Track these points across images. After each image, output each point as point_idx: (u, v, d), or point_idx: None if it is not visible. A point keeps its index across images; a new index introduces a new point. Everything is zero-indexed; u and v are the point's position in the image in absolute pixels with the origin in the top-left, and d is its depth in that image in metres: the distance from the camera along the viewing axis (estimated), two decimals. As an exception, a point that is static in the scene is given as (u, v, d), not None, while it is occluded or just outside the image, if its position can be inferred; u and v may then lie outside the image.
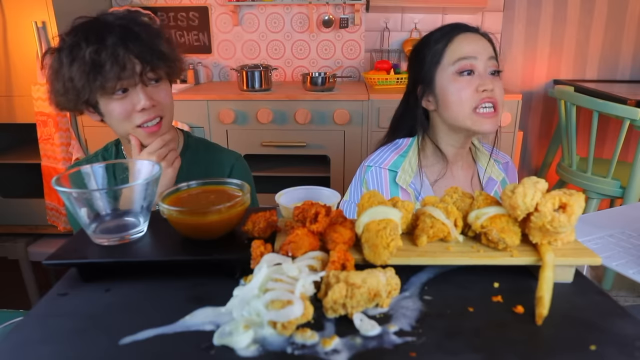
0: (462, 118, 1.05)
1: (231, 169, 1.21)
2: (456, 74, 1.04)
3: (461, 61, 1.04)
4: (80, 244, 0.59)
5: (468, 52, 1.04)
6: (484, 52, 1.05)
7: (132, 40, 0.96)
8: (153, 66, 0.99)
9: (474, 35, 1.07)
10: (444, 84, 1.06)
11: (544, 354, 0.42)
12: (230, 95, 2.19)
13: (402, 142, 1.15)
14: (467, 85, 1.03)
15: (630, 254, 0.98)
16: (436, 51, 1.07)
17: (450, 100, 1.05)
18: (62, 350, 0.43)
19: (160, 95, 1.03)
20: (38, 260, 2.27)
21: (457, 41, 1.06)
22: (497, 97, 1.04)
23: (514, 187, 0.54)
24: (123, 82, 0.96)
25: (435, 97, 1.09)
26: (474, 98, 1.03)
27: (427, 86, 1.09)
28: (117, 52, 0.93)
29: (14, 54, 2.05)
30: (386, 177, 1.10)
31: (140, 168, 0.65)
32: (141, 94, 0.98)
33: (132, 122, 1.01)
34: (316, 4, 2.52)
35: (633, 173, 1.99)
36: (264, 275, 0.47)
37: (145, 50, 0.97)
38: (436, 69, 1.07)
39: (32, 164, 2.20)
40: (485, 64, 1.04)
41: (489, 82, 1.03)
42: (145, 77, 0.98)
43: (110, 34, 0.94)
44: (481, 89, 1.02)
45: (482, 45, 1.06)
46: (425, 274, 0.56)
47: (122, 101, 0.99)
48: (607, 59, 2.69)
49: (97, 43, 0.93)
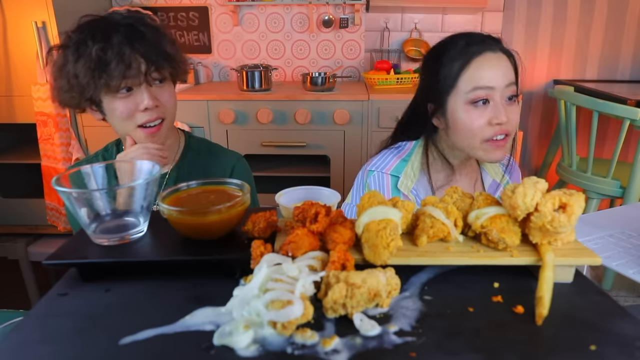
0: (472, 147, 1.00)
1: (232, 169, 1.21)
2: (469, 103, 0.97)
3: (476, 91, 0.96)
4: (80, 244, 0.59)
5: (485, 82, 0.96)
6: (503, 79, 0.97)
7: (138, 40, 0.96)
8: (158, 66, 0.99)
9: (495, 57, 0.97)
10: (457, 111, 0.99)
11: (544, 354, 0.42)
12: (230, 95, 2.19)
13: (404, 146, 1.12)
14: (480, 116, 0.97)
15: (630, 254, 0.98)
16: (450, 73, 0.98)
17: (460, 128, 1.00)
18: (62, 350, 0.43)
19: (164, 96, 1.03)
20: (38, 260, 2.27)
21: (474, 65, 0.96)
22: (511, 127, 0.98)
23: (514, 187, 0.54)
24: (128, 80, 0.96)
25: (446, 119, 1.02)
26: (486, 130, 0.97)
27: (439, 106, 1.02)
28: (123, 51, 0.94)
29: (14, 54, 2.05)
30: (388, 182, 1.09)
31: (141, 168, 0.65)
32: (145, 93, 0.99)
33: (133, 121, 1.01)
34: (316, 4, 2.52)
35: (633, 173, 1.99)
36: (264, 275, 0.47)
37: (151, 50, 0.97)
38: (449, 92, 0.99)
39: (32, 164, 2.20)
40: (502, 93, 0.97)
41: (504, 114, 0.96)
42: (150, 77, 0.99)
43: (116, 33, 0.95)
44: (494, 122, 0.96)
45: (502, 70, 0.97)
46: (425, 274, 0.56)
47: (125, 100, 0.99)
48: (607, 59, 2.69)
49: (104, 41, 0.94)
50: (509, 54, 1.00)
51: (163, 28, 1.05)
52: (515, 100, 1.01)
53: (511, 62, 1.00)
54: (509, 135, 1.00)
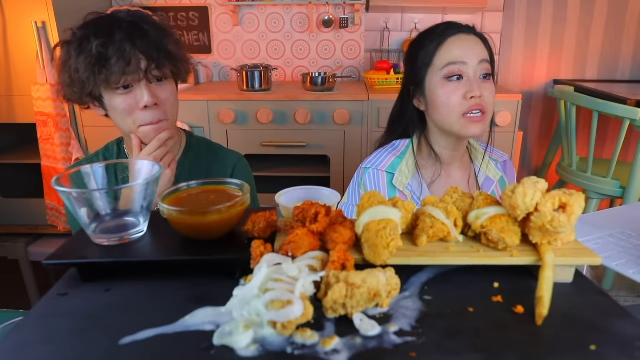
0: (450, 123, 1.05)
1: (233, 169, 1.21)
2: (445, 78, 1.04)
3: (450, 66, 1.03)
4: (80, 244, 0.59)
5: (458, 57, 1.03)
6: (475, 56, 1.03)
7: (140, 37, 0.97)
8: (159, 64, 0.99)
9: (468, 37, 1.05)
10: (433, 87, 1.06)
11: (544, 354, 0.42)
12: (230, 95, 2.19)
13: (399, 144, 1.15)
14: (455, 90, 1.03)
15: (630, 254, 0.98)
16: (427, 52, 1.06)
17: (438, 104, 1.05)
18: (62, 350, 0.43)
19: (164, 94, 1.03)
20: (38, 260, 2.27)
21: (448, 43, 1.04)
22: (486, 102, 1.03)
23: (514, 187, 0.54)
24: (127, 77, 0.96)
25: (425, 98, 1.09)
26: (462, 104, 1.03)
27: (418, 86, 1.09)
28: (123, 47, 0.94)
29: (14, 54, 2.05)
30: (384, 178, 1.10)
31: (141, 168, 0.65)
32: (145, 90, 0.99)
33: (134, 120, 1.01)
34: (316, 4, 2.52)
35: (633, 173, 1.99)
36: (264, 275, 0.47)
37: (152, 48, 0.98)
38: (427, 70, 1.06)
39: (32, 164, 2.20)
40: (475, 69, 1.03)
41: (477, 88, 1.02)
42: (150, 74, 0.99)
43: (118, 30, 0.96)
44: (469, 96, 1.02)
45: (474, 48, 1.04)
46: (425, 274, 0.56)
47: (125, 97, 0.99)
48: (607, 59, 2.69)
49: (105, 37, 0.95)
50: (483, 38, 1.08)
51: (167, 27, 1.05)
52: (491, 80, 1.06)
53: (485, 45, 1.07)
54: (485, 114, 1.04)
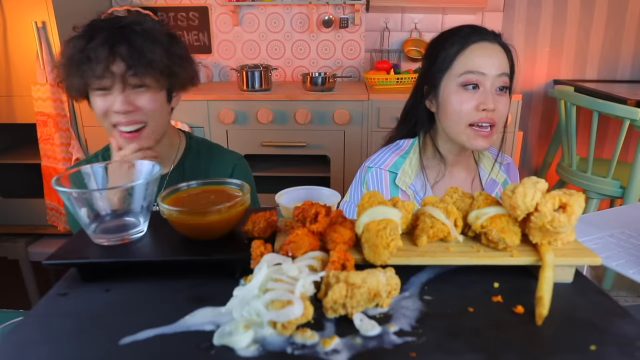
0: (457, 132, 1.04)
1: (233, 169, 1.21)
2: (460, 86, 1.01)
3: (468, 74, 1.00)
4: (80, 244, 0.59)
5: (477, 66, 1.00)
6: (496, 68, 1.00)
7: (121, 43, 0.95)
8: (137, 71, 0.97)
9: (491, 46, 1.01)
10: (447, 93, 1.03)
11: (544, 354, 0.42)
12: (230, 95, 2.19)
13: (403, 143, 1.15)
14: (469, 100, 1.01)
15: (630, 254, 0.98)
16: (447, 56, 1.03)
17: (449, 110, 1.04)
18: (62, 350, 0.43)
19: (141, 101, 1.00)
20: (38, 260, 2.27)
21: (469, 50, 1.01)
22: (497, 117, 1.01)
23: (514, 187, 0.54)
24: (102, 81, 0.98)
25: (437, 101, 1.07)
26: (472, 115, 1.01)
27: (433, 88, 1.07)
28: (100, 52, 0.95)
29: (14, 54, 2.04)
30: (386, 178, 1.10)
31: (141, 168, 0.65)
32: (118, 96, 0.99)
33: (109, 120, 1.02)
34: (316, 4, 2.52)
35: (633, 173, 1.99)
36: (264, 275, 0.47)
37: (134, 55, 0.96)
38: (444, 74, 1.04)
39: (32, 164, 2.20)
40: (493, 81, 1.00)
41: (491, 101, 0.99)
42: (127, 81, 0.98)
43: (103, 33, 0.96)
44: (482, 108, 0.99)
45: (495, 59, 1.01)
46: (425, 274, 0.56)
47: (102, 98, 1.01)
48: (607, 59, 2.69)
49: (88, 40, 0.96)
50: (506, 49, 1.04)
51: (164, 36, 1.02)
52: (507, 93, 1.04)
53: (508, 56, 1.04)
54: (495, 127, 1.03)
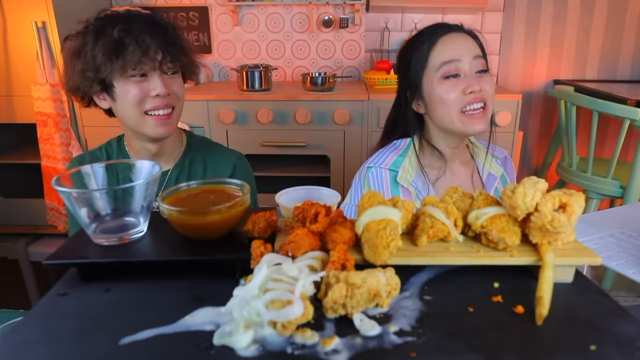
0: (451, 120, 1.05)
1: (233, 168, 1.22)
2: (442, 78, 1.04)
3: (445, 65, 1.03)
4: (80, 244, 0.59)
5: (451, 55, 1.03)
6: (468, 53, 1.04)
7: (157, 31, 1.02)
8: (173, 57, 1.04)
9: (458, 36, 1.06)
10: (431, 89, 1.06)
11: (544, 354, 0.42)
12: (230, 95, 2.19)
13: (400, 143, 1.15)
14: (453, 87, 1.03)
15: (630, 254, 0.98)
16: (421, 55, 1.07)
17: (438, 103, 1.06)
18: (62, 350, 0.43)
19: (175, 86, 1.08)
20: (38, 260, 2.27)
21: (440, 44, 1.05)
22: (486, 95, 1.04)
23: (514, 187, 0.54)
24: (143, 66, 1.00)
25: (424, 101, 1.09)
26: (461, 100, 1.03)
27: (415, 90, 1.10)
28: (142, 37, 0.99)
29: (14, 54, 2.04)
30: (387, 177, 1.10)
31: (141, 168, 0.65)
32: (159, 80, 1.03)
33: (143, 107, 1.04)
34: (316, 4, 2.52)
35: (633, 173, 1.99)
36: (264, 275, 0.47)
37: (168, 42, 1.03)
38: (423, 72, 1.07)
39: (32, 164, 2.20)
40: (470, 65, 1.04)
41: (475, 82, 1.02)
42: (165, 66, 1.04)
43: (137, 22, 1.00)
44: (468, 91, 1.02)
45: (466, 45, 1.05)
46: (425, 274, 0.56)
47: (139, 84, 1.03)
48: (607, 59, 2.69)
49: (125, 25, 0.99)
50: (473, 35, 1.08)
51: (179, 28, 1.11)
52: (487, 74, 1.07)
53: (476, 42, 1.08)
54: (486, 106, 1.04)
